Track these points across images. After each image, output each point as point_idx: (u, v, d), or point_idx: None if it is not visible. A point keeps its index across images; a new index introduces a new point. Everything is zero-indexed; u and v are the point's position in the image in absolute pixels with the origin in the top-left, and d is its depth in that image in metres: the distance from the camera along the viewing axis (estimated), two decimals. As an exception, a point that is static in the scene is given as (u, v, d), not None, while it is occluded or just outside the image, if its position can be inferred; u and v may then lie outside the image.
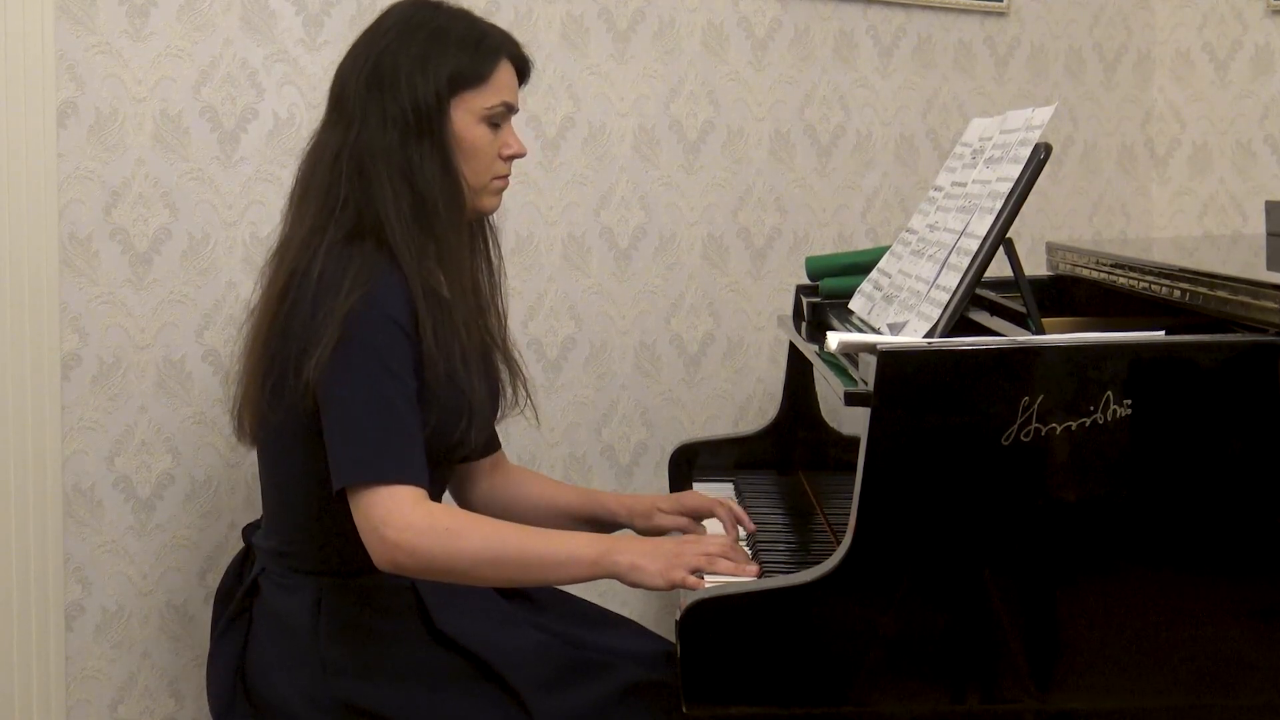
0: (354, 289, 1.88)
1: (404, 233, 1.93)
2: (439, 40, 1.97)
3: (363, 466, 1.85)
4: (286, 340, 1.93)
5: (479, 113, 1.98)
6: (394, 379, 1.88)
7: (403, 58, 1.96)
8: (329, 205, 1.96)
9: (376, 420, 1.86)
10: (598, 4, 2.82)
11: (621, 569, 1.85)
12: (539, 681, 1.95)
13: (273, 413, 1.96)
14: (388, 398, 1.87)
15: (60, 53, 2.31)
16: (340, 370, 1.87)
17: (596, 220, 2.86)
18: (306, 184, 2.00)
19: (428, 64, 1.96)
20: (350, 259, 1.91)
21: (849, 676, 1.73)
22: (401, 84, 1.95)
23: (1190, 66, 3.38)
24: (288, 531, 2.03)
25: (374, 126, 1.95)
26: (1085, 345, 1.75)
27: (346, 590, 1.98)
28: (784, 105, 3.03)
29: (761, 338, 3.04)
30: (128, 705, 2.45)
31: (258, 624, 2.03)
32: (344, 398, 1.87)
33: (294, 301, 1.93)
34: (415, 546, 1.83)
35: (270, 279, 2.00)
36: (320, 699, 1.94)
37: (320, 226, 1.95)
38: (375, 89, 1.96)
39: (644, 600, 2.93)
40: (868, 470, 1.73)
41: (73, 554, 2.38)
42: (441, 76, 1.96)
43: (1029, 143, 1.91)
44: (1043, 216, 3.31)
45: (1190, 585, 1.76)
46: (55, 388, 2.33)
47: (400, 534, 1.83)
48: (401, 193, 1.94)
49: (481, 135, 1.99)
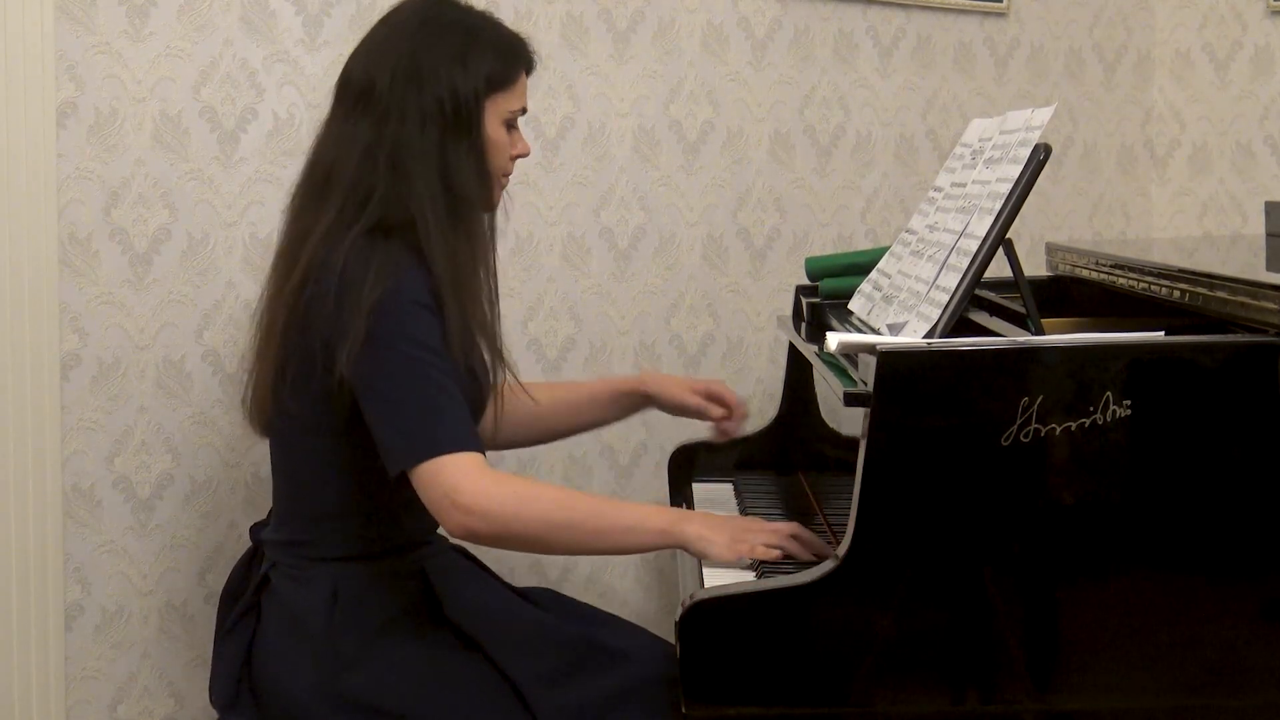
0: (378, 283, 1.89)
1: (437, 229, 1.95)
2: (475, 40, 2.00)
3: (423, 444, 1.87)
4: (307, 333, 1.95)
5: (504, 114, 2.02)
6: (432, 354, 1.90)
7: (441, 54, 1.97)
8: (356, 199, 1.96)
9: (424, 398, 1.88)
10: (598, 4, 2.82)
11: (689, 538, 1.89)
12: (540, 676, 1.95)
13: (294, 403, 1.98)
14: (429, 375, 1.89)
15: (60, 53, 2.31)
16: (376, 361, 1.89)
17: (596, 220, 2.86)
18: (329, 175, 1.99)
19: (466, 62, 1.98)
20: (373, 253, 1.92)
21: (849, 677, 1.74)
22: (442, 80, 1.96)
23: (1190, 67, 3.39)
24: (304, 520, 2.04)
25: (412, 123, 1.96)
26: (1085, 346, 1.75)
27: (362, 578, 2.00)
28: (784, 105, 3.03)
29: (761, 338, 3.04)
30: (127, 705, 2.45)
31: (267, 619, 2.03)
32: (386, 386, 1.89)
33: (314, 294, 1.94)
34: (488, 510, 1.85)
35: (286, 270, 2.00)
36: (329, 691, 1.95)
37: (345, 220, 1.95)
38: (414, 84, 1.96)
39: (644, 600, 2.93)
40: (867, 471, 1.73)
41: (72, 554, 2.38)
42: (480, 75, 1.99)
43: (1029, 143, 1.91)
44: (1042, 217, 3.31)
45: (1190, 585, 1.76)
46: (55, 388, 2.33)
47: (474, 499, 1.85)
48: (437, 191, 1.96)
49: (502, 136, 2.03)
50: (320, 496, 2.02)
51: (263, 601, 2.05)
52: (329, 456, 1.98)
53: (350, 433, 1.96)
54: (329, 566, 2.01)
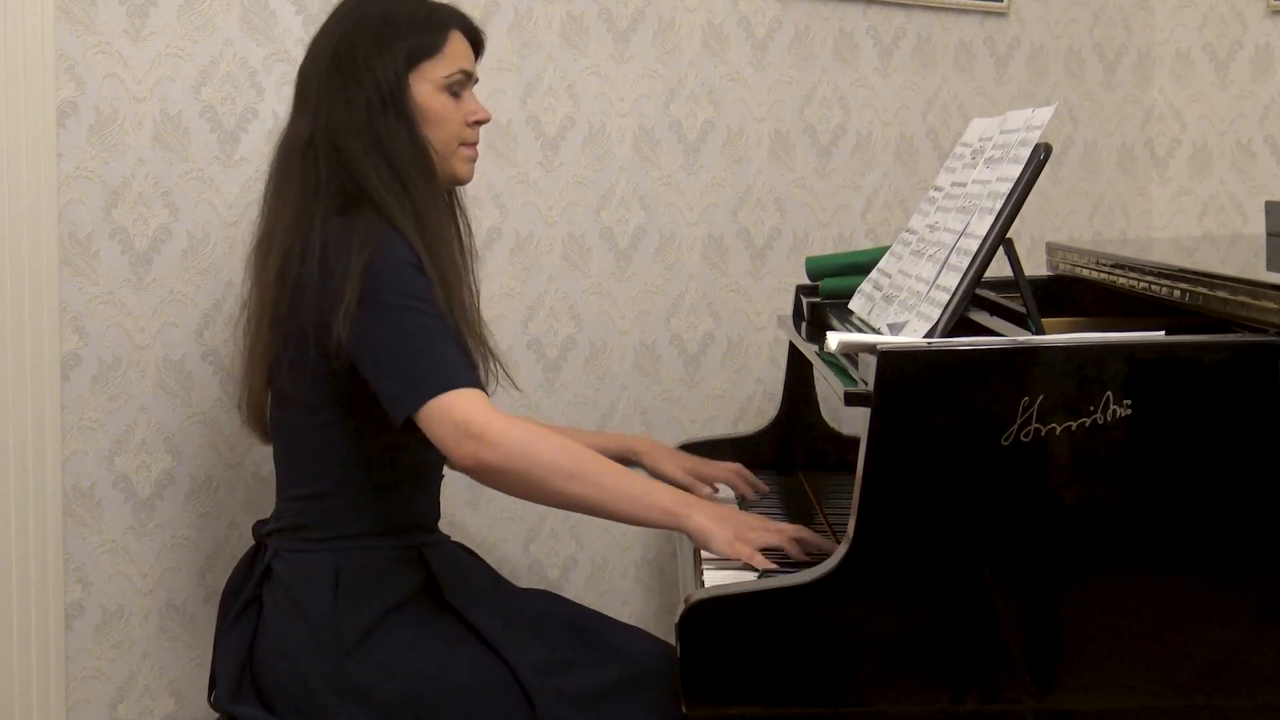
0: (364, 247, 1.93)
1: (392, 199, 1.99)
2: (391, 22, 2.05)
3: (427, 385, 1.89)
4: (297, 316, 1.98)
5: (438, 82, 2.06)
6: (425, 304, 1.93)
7: (359, 43, 2.03)
8: (310, 188, 2.02)
9: (422, 344, 1.91)
10: (598, 4, 2.82)
11: (692, 525, 1.90)
12: (539, 664, 1.96)
13: (291, 388, 2.01)
14: (426, 324, 1.92)
15: (60, 52, 2.31)
16: (372, 319, 1.91)
17: (596, 220, 2.86)
18: (281, 175, 2.06)
19: (383, 45, 2.03)
20: (352, 225, 1.96)
21: (849, 676, 1.73)
22: (361, 67, 2.02)
23: (1190, 67, 3.39)
24: (305, 502, 2.06)
25: (340, 110, 2.02)
26: (1085, 345, 1.75)
27: (364, 559, 2.02)
28: (784, 105, 3.03)
29: (761, 338, 3.04)
30: (127, 705, 2.45)
31: (269, 607, 2.04)
32: (383, 339, 1.92)
33: (296, 279, 1.98)
34: (500, 440, 1.86)
35: (261, 268, 2.05)
36: (331, 674, 1.95)
37: (307, 209, 2.01)
38: (336, 75, 2.03)
39: (644, 600, 2.93)
40: (868, 470, 1.73)
41: (73, 554, 2.38)
42: (399, 54, 2.03)
43: (1029, 143, 1.91)
44: (1043, 217, 3.31)
45: (1190, 585, 1.76)
46: (55, 387, 2.33)
47: (486, 427, 1.86)
48: (379, 164, 2.01)
49: (443, 104, 2.06)
50: (320, 476, 2.04)
51: (264, 592, 2.06)
52: (328, 434, 2.01)
53: (349, 409, 2.00)
54: (331, 547, 2.03)
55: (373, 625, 1.98)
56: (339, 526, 2.04)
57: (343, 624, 1.97)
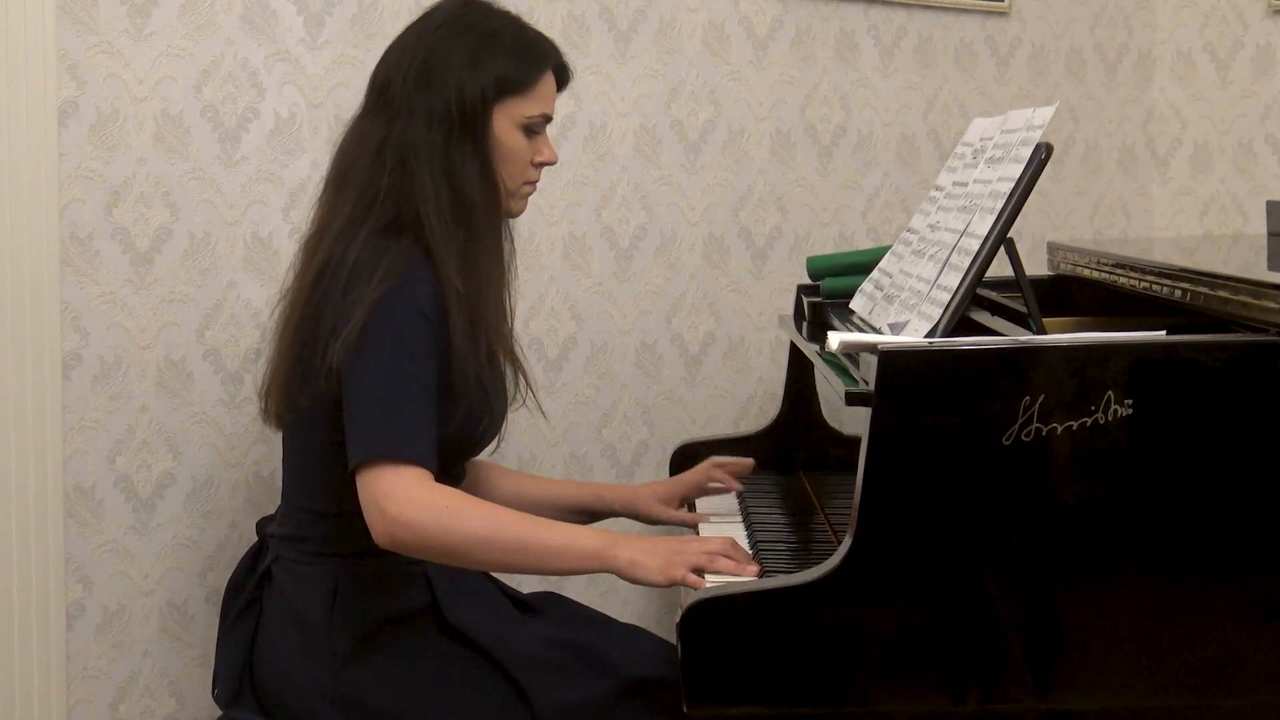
0: (386, 278, 1.91)
1: (442, 230, 1.96)
2: (490, 43, 2.01)
3: (373, 444, 1.87)
4: (317, 326, 1.96)
5: (519, 120, 2.02)
6: (414, 363, 1.90)
7: (453, 57, 1.99)
8: (369, 196, 1.98)
9: (391, 401, 1.89)
10: (598, 3, 2.82)
11: (621, 564, 1.86)
12: (542, 677, 1.96)
13: (301, 396, 2.00)
14: (404, 381, 1.90)
15: (61, 52, 2.31)
16: (362, 352, 1.89)
17: (597, 220, 2.86)
18: (346, 172, 2.02)
19: (477, 65, 1.99)
20: (386, 250, 1.94)
21: (850, 676, 1.74)
22: (449, 82, 1.98)
23: (1191, 66, 3.38)
24: (307, 515, 2.05)
25: (419, 122, 1.98)
26: (1086, 345, 1.75)
27: (362, 576, 2.00)
28: (785, 105, 3.03)
29: (762, 338, 3.04)
30: (128, 705, 2.45)
31: (268, 614, 2.04)
32: (362, 378, 1.90)
33: (327, 288, 1.96)
34: (413, 521, 1.84)
35: (305, 264, 2.03)
36: (329, 689, 1.95)
37: (359, 217, 1.98)
38: (423, 84, 1.99)
39: (645, 600, 2.93)
40: (869, 470, 1.74)
41: (73, 554, 2.38)
42: (489, 79, 1.99)
43: (1030, 142, 1.91)
44: (1043, 216, 3.31)
45: (1191, 585, 1.76)
46: (56, 387, 2.33)
47: (400, 508, 1.84)
48: (442, 191, 1.97)
49: (518, 142, 2.03)
50: (323, 493, 2.02)
51: (264, 596, 2.06)
52: (331, 452, 1.98)
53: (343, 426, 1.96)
54: (330, 563, 2.02)
55: (367, 637, 1.97)
56: (341, 544, 2.01)
57: (339, 639, 1.96)
